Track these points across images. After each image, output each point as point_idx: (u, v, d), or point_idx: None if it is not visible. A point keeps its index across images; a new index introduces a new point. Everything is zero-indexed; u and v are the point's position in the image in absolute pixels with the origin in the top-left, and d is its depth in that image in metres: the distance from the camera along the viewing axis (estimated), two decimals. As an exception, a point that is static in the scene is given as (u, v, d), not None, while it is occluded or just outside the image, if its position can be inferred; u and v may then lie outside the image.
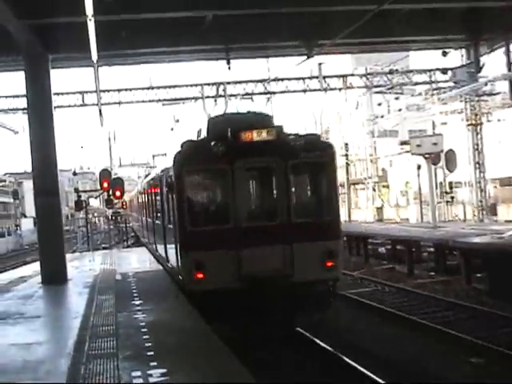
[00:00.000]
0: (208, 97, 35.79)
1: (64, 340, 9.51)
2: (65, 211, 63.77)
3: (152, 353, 8.14)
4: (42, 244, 17.37)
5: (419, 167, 36.82)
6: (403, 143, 54.30)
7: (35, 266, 19.51)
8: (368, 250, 27.95)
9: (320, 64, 35.99)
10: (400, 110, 45.28)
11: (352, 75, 37.30)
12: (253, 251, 12.37)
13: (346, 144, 54.52)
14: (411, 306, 17.59)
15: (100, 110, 23.86)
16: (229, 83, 35.71)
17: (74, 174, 29.96)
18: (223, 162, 12.61)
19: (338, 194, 14.04)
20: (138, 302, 12.18)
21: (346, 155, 50.67)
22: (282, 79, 35.37)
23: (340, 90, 36.12)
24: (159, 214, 16.51)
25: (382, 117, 48.55)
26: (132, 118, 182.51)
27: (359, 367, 11.31)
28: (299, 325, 13.72)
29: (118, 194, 24.95)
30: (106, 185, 24.44)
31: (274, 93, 37.04)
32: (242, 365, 7.47)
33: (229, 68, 24.80)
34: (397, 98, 40.06)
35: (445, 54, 26.13)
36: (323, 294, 13.14)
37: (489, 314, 15.42)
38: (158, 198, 16.72)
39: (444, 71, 32.96)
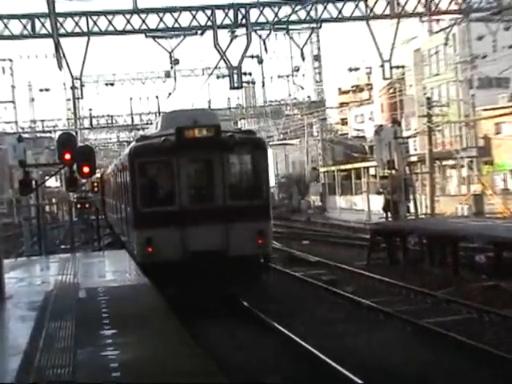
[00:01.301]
0: (221, 26, 35.63)
1: (-7, 389, 9.47)
2: (8, 195, 64.47)
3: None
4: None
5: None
6: (516, 98, 53.89)
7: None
8: (459, 259, 27.77)
9: (390, -23, 35.57)
10: (512, 47, 44.68)
11: (439, -6, 36.88)
12: (194, 229, 21.60)
13: (429, 99, 54.02)
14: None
15: (57, 44, 23.71)
16: (253, 6, 35.51)
17: (20, 139, 29.55)
18: (170, 155, 21.82)
19: (268, 182, 23.88)
20: (108, 332, 12.21)
21: (429, 116, 50.00)
22: (333, 1, 35.06)
23: (421, 16, 35.77)
24: (123, 198, 25.86)
25: (485, 57, 47.98)
26: (109, 58, 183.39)
27: None
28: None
29: (85, 170, 24.59)
30: (67, 156, 24.16)
31: (320, 21, 36.75)
32: None
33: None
34: (508, 29, 39.41)
35: None
36: (255, 266, 22.49)
37: None
38: (123, 181, 25.17)
39: None
